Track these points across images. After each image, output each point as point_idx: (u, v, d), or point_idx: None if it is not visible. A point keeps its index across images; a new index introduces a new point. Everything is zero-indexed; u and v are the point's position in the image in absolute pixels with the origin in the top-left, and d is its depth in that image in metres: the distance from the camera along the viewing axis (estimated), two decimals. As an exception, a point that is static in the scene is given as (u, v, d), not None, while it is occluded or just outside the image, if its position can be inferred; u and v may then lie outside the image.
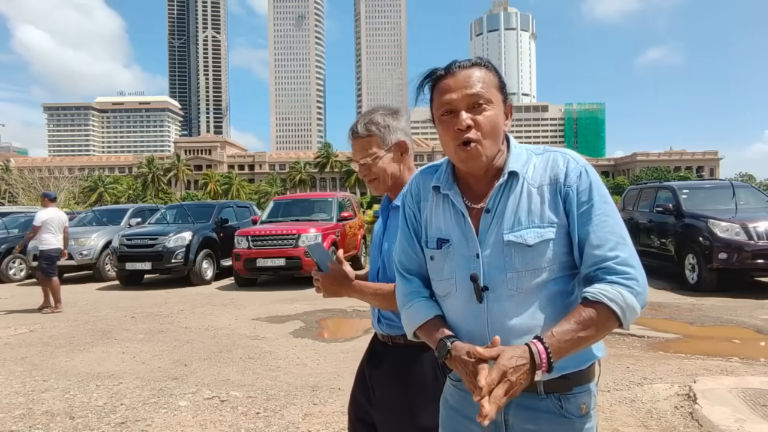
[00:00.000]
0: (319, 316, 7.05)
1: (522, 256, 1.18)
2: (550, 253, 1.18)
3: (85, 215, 14.36)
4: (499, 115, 1.22)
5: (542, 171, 1.22)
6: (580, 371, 1.21)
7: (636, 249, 1.20)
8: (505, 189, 1.23)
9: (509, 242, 1.19)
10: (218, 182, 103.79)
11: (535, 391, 1.19)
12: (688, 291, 8.13)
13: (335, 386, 4.16)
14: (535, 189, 1.21)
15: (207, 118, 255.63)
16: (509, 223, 1.20)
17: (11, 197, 42.22)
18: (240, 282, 10.32)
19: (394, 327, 1.66)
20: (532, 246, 1.18)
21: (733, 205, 8.61)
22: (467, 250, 1.25)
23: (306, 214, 11.05)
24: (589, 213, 1.17)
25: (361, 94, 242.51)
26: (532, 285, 1.19)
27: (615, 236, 1.16)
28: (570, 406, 1.20)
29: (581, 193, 1.18)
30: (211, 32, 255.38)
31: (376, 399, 1.68)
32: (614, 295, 1.11)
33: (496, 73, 1.24)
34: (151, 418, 3.62)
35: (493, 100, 1.21)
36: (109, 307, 8.30)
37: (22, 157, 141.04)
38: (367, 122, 1.68)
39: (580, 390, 1.22)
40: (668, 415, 3.42)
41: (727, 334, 5.69)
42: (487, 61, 1.26)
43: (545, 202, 1.19)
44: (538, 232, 1.18)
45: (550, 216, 1.19)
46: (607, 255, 1.14)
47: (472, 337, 1.25)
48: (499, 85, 1.24)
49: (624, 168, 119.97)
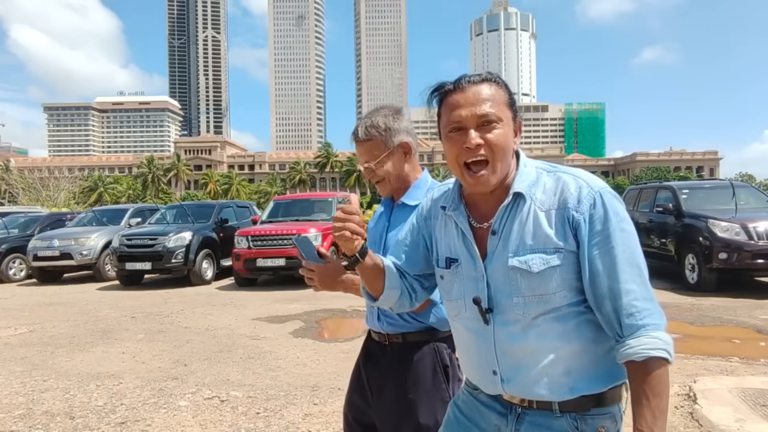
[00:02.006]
0: (319, 316, 7.05)
1: (528, 282, 1.14)
2: (557, 280, 1.13)
3: (85, 215, 14.35)
4: (508, 134, 1.18)
5: (551, 194, 1.16)
6: (601, 393, 1.16)
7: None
8: (510, 210, 1.18)
9: (513, 267, 1.15)
10: (218, 182, 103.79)
11: (549, 409, 1.16)
12: (688, 291, 8.13)
13: (335, 386, 4.16)
14: (542, 212, 1.15)
15: (207, 118, 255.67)
16: (514, 247, 1.16)
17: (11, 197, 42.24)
18: (240, 282, 10.32)
19: (394, 325, 1.66)
20: (538, 273, 1.13)
21: (733, 205, 8.61)
22: (474, 271, 1.22)
23: (306, 214, 11.04)
24: (603, 244, 1.11)
25: (361, 94, 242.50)
26: (542, 310, 1.14)
27: (631, 267, 1.11)
28: (587, 428, 1.15)
29: (595, 221, 1.12)
30: (211, 32, 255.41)
31: (374, 399, 1.68)
32: (654, 343, 1.08)
33: (506, 89, 1.20)
34: (151, 418, 3.62)
35: (503, 118, 1.17)
36: (109, 307, 8.30)
37: (22, 157, 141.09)
38: (369, 125, 1.67)
39: (600, 412, 1.16)
40: (668, 415, 3.41)
41: (727, 334, 5.69)
42: (497, 76, 1.22)
43: (552, 227, 1.14)
44: (543, 258, 1.13)
45: (557, 242, 1.13)
46: (622, 288, 1.10)
47: (481, 359, 1.24)
48: (509, 102, 1.20)
49: (624, 168, 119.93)
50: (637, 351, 1.07)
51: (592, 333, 1.15)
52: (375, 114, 1.70)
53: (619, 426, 1.19)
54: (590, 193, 1.14)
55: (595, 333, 1.15)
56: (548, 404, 1.15)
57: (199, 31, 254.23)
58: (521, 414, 1.19)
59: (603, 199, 1.13)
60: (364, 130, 1.67)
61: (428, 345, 1.63)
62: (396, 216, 1.72)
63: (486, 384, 1.25)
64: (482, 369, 1.24)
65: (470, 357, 1.28)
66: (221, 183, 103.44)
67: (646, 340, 1.08)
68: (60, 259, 11.48)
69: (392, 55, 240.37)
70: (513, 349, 1.17)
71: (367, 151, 1.68)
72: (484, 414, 1.26)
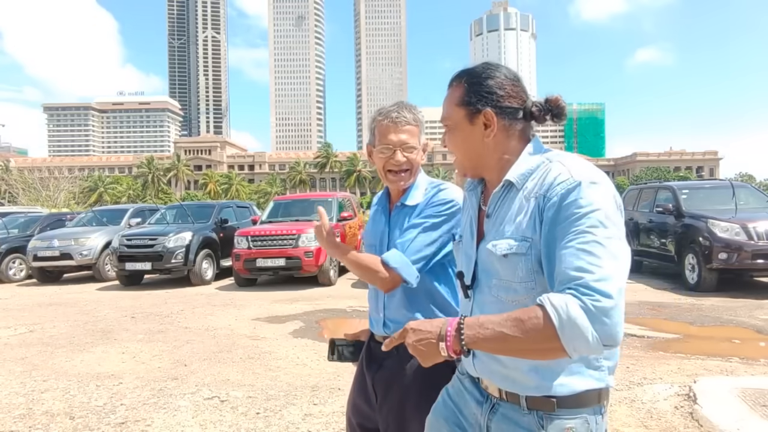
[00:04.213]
0: (319, 316, 7.04)
1: (500, 267, 1.17)
2: (523, 268, 1.13)
3: (84, 215, 14.35)
4: (465, 136, 1.23)
5: (537, 182, 1.14)
6: (569, 395, 1.14)
7: (636, 249, 1.18)
8: (501, 197, 1.22)
9: (488, 250, 1.19)
10: (218, 182, 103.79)
11: (518, 403, 1.17)
12: (688, 291, 8.13)
13: (335, 386, 4.16)
14: (526, 201, 1.14)
15: (207, 118, 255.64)
16: (496, 231, 1.20)
17: (11, 197, 42.24)
18: (240, 282, 10.32)
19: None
20: (505, 257, 1.15)
21: (733, 205, 8.61)
22: (470, 249, 1.30)
23: (306, 214, 11.03)
24: (565, 229, 1.04)
25: (361, 94, 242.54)
26: (511, 297, 1.16)
27: (588, 255, 1.00)
28: (552, 428, 1.13)
29: (564, 206, 1.06)
30: (210, 32, 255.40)
31: (380, 403, 1.66)
32: (558, 302, 0.97)
33: (465, 88, 1.23)
34: (151, 418, 3.62)
35: (454, 120, 1.24)
36: (109, 307, 8.29)
37: (22, 157, 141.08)
38: (416, 114, 1.67)
39: (569, 414, 1.14)
40: (668, 415, 3.42)
41: (727, 334, 5.69)
42: (462, 72, 1.26)
43: (527, 215, 1.13)
44: (509, 245, 1.14)
45: (525, 231, 1.12)
46: (572, 275, 0.99)
47: None
48: (462, 101, 1.22)
49: (624, 168, 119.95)
50: (542, 297, 1.00)
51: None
52: (409, 107, 1.69)
53: (593, 429, 1.15)
54: (568, 180, 1.09)
55: None
56: (516, 398, 1.18)
57: (199, 31, 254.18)
58: (495, 405, 1.23)
59: (580, 188, 1.06)
60: (413, 116, 1.66)
61: None
62: (396, 218, 1.72)
63: (464, 358, 1.29)
64: None
65: None
66: (221, 183, 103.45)
67: (558, 295, 0.99)
68: (60, 259, 11.49)
69: (392, 55, 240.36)
70: None
71: (412, 134, 1.66)
72: (467, 401, 1.31)
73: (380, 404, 1.66)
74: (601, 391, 1.17)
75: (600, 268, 0.98)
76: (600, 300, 0.96)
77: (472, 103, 1.21)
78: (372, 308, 1.79)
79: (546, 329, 0.97)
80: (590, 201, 1.05)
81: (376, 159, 1.69)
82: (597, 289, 0.96)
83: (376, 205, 1.83)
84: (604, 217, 1.04)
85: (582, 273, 0.98)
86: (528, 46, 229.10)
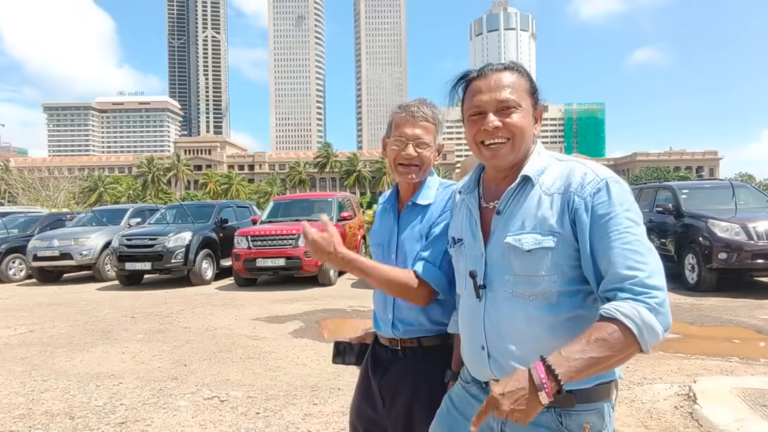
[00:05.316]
0: (319, 316, 7.04)
1: (520, 261, 1.18)
2: (548, 263, 1.16)
3: (84, 215, 14.35)
4: (527, 118, 1.24)
5: (558, 179, 1.20)
6: (586, 389, 1.16)
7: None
8: (516, 193, 1.23)
9: (508, 244, 1.20)
10: (218, 182, 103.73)
11: None
12: (687, 291, 8.13)
13: (335, 386, 4.16)
14: (547, 197, 1.19)
15: (207, 118, 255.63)
16: (514, 227, 1.20)
17: (11, 197, 42.22)
18: (240, 282, 10.32)
19: (411, 331, 1.61)
20: (530, 252, 1.16)
21: (732, 205, 8.61)
22: (476, 249, 1.28)
23: (306, 214, 11.02)
24: (605, 228, 1.11)
25: (361, 94, 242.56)
26: (529, 292, 1.17)
27: (635, 254, 1.09)
28: (571, 423, 1.15)
29: (597, 208, 1.13)
30: (210, 32, 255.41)
31: (387, 406, 1.63)
32: (630, 311, 1.04)
33: (528, 78, 1.27)
34: (151, 418, 3.62)
35: (522, 104, 1.23)
36: (109, 307, 8.29)
37: (22, 157, 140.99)
38: (435, 111, 1.63)
39: (586, 408, 1.16)
40: (668, 415, 3.42)
41: (727, 334, 5.69)
42: (520, 65, 1.28)
43: (552, 210, 1.17)
44: (536, 239, 1.16)
45: (553, 225, 1.16)
46: (625, 274, 1.08)
47: (473, 334, 1.28)
48: (529, 90, 1.26)
49: (624, 168, 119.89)
50: (608, 309, 1.06)
51: (582, 331, 1.15)
52: (430, 105, 1.65)
53: (607, 422, 1.19)
54: (595, 179, 1.16)
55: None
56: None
57: (199, 31, 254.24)
58: None
59: (608, 187, 1.14)
60: (432, 113, 1.62)
61: (443, 348, 1.59)
62: (406, 217, 1.66)
63: (476, 363, 1.28)
64: (473, 345, 1.29)
65: (465, 333, 1.34)
66: (221, 183, 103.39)
67: (624, 305, 1.05)
68: (60, 259, 11.49)
69: (392, 55, 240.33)
70: (500, 326, 1.21)
71: (425, 132, 1.61)
72: (475, 406, 1.28)
73: (388, 409, 1.62)
74: (612, 382, 1.21)
75: (647, 265, 1.09)
76: (657, 296, 1.07)
77: (535, 96, 1.28)
78: (379, 308, 1.71)
79: (627, 339, 1.04)
80: (622, 200, 1.13)
81: (388, 151, 1.65)
82: (652, 285, 1.08)
83: (383, 204, 1.76)
84: (635, 215, 1.14)
85: (634, 272, 1.08)
86: (528, 46, 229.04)
